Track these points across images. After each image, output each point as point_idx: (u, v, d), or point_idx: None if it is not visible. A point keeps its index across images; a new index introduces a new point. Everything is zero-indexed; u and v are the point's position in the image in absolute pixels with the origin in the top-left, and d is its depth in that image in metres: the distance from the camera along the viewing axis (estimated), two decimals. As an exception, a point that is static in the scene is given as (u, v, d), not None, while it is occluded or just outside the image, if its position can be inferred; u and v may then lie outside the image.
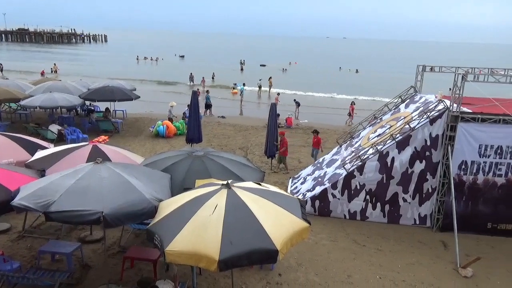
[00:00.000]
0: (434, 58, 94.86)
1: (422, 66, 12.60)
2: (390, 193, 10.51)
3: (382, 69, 65.96)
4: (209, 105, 24.84)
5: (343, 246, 9.40)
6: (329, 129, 21.58)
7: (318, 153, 14.72)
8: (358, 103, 32.03)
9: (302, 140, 19.35)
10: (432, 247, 9.63)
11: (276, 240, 5.10)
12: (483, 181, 10.05)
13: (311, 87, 39.88)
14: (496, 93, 11.46)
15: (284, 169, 14.49)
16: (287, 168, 14.42)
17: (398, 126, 10.75)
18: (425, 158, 10.22)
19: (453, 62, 14.40)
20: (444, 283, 8.15)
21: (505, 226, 10.21)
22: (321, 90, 38.40)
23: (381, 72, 60.38)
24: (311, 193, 11.00)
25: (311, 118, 24.72)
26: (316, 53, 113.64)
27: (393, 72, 58.66)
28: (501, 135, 9.69)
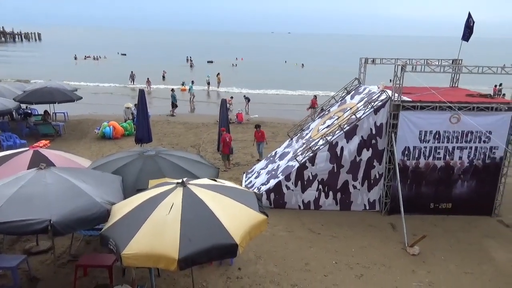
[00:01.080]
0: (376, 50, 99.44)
1: (365, 58, 13.15)
2: (341, 182, 10.92)
3: (327, 63, 67.98)
4: (175, 104, 24.49)
5: (300, 235, 9.65)
6: (279, 123, 21.94)
7: (263, 146, 14.95)
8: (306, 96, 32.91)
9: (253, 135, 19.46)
10: (382, 229, 10.16)
11: (235, 235, 5.13)
12: (424, 165, 10.73)
13: (259, 83, 40.17)
14: (432, 82, 12.27)
15: (237, 165, 14.50)
16: (226, 166, 14.23)
17: (345, 116, 11.16)
18: (371, 146, 10.72)
19: (393, 54, 15.17)
20: (394, 262, 8.65)
21: (445, 205, 10.99)
22: (269, 86, 38.82)
23: (326, 66, 62.23)
24: (265, 187, 11.14)
25: (261, 113, 24.95)
26: (262, 49, 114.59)
27: (338, 65, 60.66)
28: (438, 121, 10.39)
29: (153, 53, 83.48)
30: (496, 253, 9.15)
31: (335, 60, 72.83)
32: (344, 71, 32.48)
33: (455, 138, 10.48)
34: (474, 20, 12.73)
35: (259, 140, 15.04)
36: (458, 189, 10.87)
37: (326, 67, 60.25)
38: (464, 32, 12.79)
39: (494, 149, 10.56)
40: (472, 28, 12.78)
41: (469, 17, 12.67)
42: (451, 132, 10.42)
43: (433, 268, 8.47)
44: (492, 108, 10.29)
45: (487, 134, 10.36)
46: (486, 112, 10.26)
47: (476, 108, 10.22)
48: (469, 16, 12.70)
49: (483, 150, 10.59)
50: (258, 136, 15.06)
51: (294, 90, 36.59)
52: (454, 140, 10.49)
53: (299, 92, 35.69)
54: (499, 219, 10.86)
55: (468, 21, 12.71)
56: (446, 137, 10.49)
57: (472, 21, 12.72)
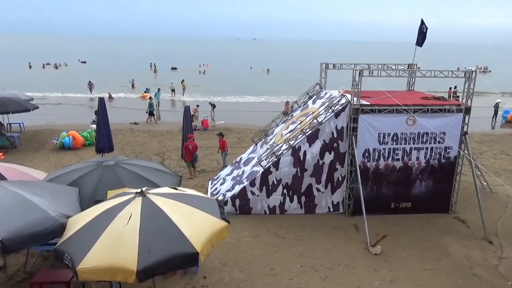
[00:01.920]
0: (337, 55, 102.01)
1: (325, 64, 13.46)
2: (305, 185, 11.06)
3: (291, 68, 68.99)
4: (152, 112, 24.15)
5: (265, 240, 9.66)
6: (245, 129, 21.99)
7: (225, 155, 14.90)
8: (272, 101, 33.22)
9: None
10: (345, 231, 10.36)
11: (195, 243, 5.07)
12: (384, 166, 11.06)
13: (225, 89, 40.17)
14: (390, 86, 12.72)
15: (202, 172, 14.37)
16: (191, 173, 14.07)
17: (307, 121, 11.34)
18: (333, 149, 10.95)
19: (353, 59, 15.63)
20: (358, 262, 8.83)
21: (405, 204, 11.35)
22: (236, 92, 38.88)
23: (290, 71, 63.15)
24: (231, 193, 11.10)
25: (227, 119, 24.93)
26: (228, 55, 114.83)
27: (302, 70, 61.68)
28: (395, 123, 10.75)
29: (114, 60, 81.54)
30: (453, 249, 9.54)
31: (299, 65, 74.04)
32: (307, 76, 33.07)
33: (412, 139, 10.88)
34: (427, 26, 13.34)
35: (221, 149, 15.00)
36: (417, 188, 11.27)
37: (290, 72, 61.16)
38: (418, 38, 13.36)
39: (448, 149, 11.04)
40: (425, 34, 13.36)
41: (422, 24, 13.26)
42: (408, 134, 10.82)
43: (394, 266, 8.71)
44: (444, 110, 10.78)
45: (441, 135, 10.84)
46: (439, 114, 10.73)
47: (430, 110, 10.68)
48: (422, 23, 13.28)
49: (439, 150, 11.05)
50: (220, 144, 15.03)
51: (260, 95, 36.85)
52: (411, 141, 10.89)
53: (265, 98, 35.97)
54: (456, 215, 11.34)
55: (421, 27, 13.29)
56: (404, 138, 10.87)
57: (425, 27, 13.31)
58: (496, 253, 9.40)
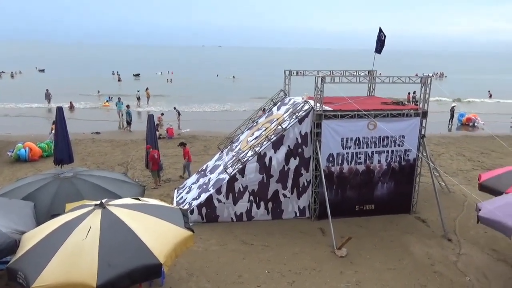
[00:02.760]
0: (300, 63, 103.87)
1: (289, 71, 13.65)
2: (271, 191, 11.10)
3: (256, 75, 69.46)
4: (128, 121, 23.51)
5: (233, 248, 9.59)
6: (211, 136, 21.85)
7: (190, 164, 14.63)
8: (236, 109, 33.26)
9: (185, 150, 19.16)
10: (312, 235, 10.47)
11: (158, 254, 4.95)
12: (348, 170, 11.31)
13: (192, 97, 39.85)
14: (352, 92, 13.07)
15: (167, 181, 14.12)
16: (156, 183, 13.81)
17: (272, 127, 11.42)
18: (298, 155, 11.08)
19: (317, 66, 15.95)
20: (324, 265, 8.93)
21: (368, 207, 11.64)
22: (202, 99, 38.62)
23: (256, 78, 63.56)
24: (197, 201, 10.96)
25: (193, 127, 24.70)
26: (193, 62, 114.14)
27: (267, 76, 62.24)
28: (357, 128, 11.04)
29: (75, 68, 78.91)
30: (415, 248, 9.86)
31: (264, 72, 74.69)
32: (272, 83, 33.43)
33: (373, 143, 11.20)
34: (385, 34, 13.84)
35: (184, 158, 14.71)
36: (379, 190, 11.59)
37: (256, 79, 61.58)
38: (377, 45, 13.82)
39: (408, 152, 11.45)
40: (383, 42, 13.85)
41: (380, 31, 13.74)
42: (370, 138, 11.13)
43: (359, 268, 8.88)
44: (403, 114, 11.19)
45: (401, 139, 11.22)
46: (398, 118, 11.12)
47: (390, 115, 11.05)
48: (380, 31, 13.77)
49: (399, 153, 11.43)
50: (184, 154, 14.74)
51: (225, 103, 36.81)
52: (373, 145, 11.21)
53: (230, 105, 35.96)
54: (417, 215, 11.74)
55: (380, 35, 13.77)
56: (365, 142, 11.17)
57: (383, 35, 13.80)
58: (455, 250, 9.80)
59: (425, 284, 8.33)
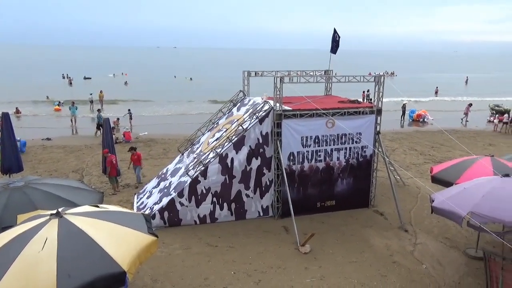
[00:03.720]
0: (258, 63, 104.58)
1: (247, 71, 13.70)
2: (234, 192, 11.09)
3: (214, 76, 69.11)
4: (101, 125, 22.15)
5: (197, 251, 9.48)
6: (170, 139, 21.47)
7: (139, 170, 14.22)
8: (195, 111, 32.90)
9: (144, 153, 18.63)
10: (276, 233, 10.57)
11: (121, 261, 4.79)
12: (308, 168, 11.53)
13: (149, 99, 38.91)
14: (310, 91, 13.34)
15: (127, 186, 13.71)
16: (114, 189, 13.40)
17: (232, 128, 11.41)
18: (260, 155, 11.14)
19: (274, 67, 16.13)
20: (289, 262, 9.05)
21: (330, 203, 11.93)
22: (160, 101, 37.85)
23: (214, 79, 63.23)
24: (158, 206, 10.72)
25: (151, 130, 24.15)
26: (149, 64, 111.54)
27: (225, 78, 62.08)
28: (316, 126, 11.28)
29: (20, 70, 74.45)
30: (374, 240, 10.23)
31: (222, 73, 74.48)
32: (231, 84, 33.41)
33: (332, 141, 11.50)
34: (340, 35, 14.25)
35: (135, 163, 14.16)
36: (339, 186, 11.92)
37: (214, 80, 61.26)
38: (332, 46, 14.20)
39: (365, 148, 11.86)
40: (338, 42, 14.26)
41: (335, 32, 14.14)
42: (328, 136, 11.41)
43: (323, 263, 9.09)
44: (359, 112, 11.58)
45: (358, 136, 11.61)
46: (355, 116, 11.50)
47: (347, 113, 11.40)
48: (334, 32, 14.16)
49: (356, 150, 11.82)
50: (134, 159, 14.11)
51: (184, 104, 36.33)
52: (332, 143, 11.51)
53: (189, 106, 35.53)
54: (375, 209, 12.19)
55: (334, 36, 14.16)
56: (325, 140, 11.45)
57: (337, 36, 14.21)
58: (411, 240, 10.28)
59: (385, 274, 8.67)
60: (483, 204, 6.81)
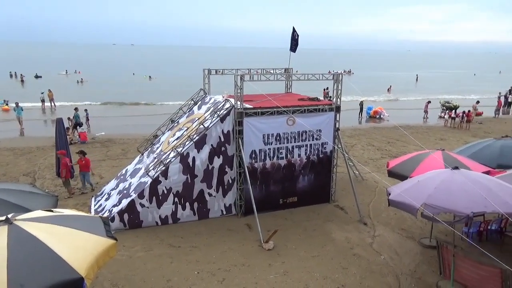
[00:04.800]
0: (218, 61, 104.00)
1: (208, 69, 13.57)
2: (196, 191, 10.97)
3: (174, 74, 67.98)
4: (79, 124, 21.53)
5: (159, 253, 9.29)
6: (129, 139, 20.89)
7: (89, 176, 13.32)
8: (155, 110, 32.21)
9: (101, 154, 18.06)
10: (239, 231, 10.58)
11: (79, 267, 4.59)
12: (270, 165, 11.62)
13: (106, 98, 37.56)
14: (270, 89, 13.44)
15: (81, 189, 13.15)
16: (70, 192, 12.83)
17: (193, 127, 11.27)
18: (221, 153, 11.09)
19: (234, 65, 16.09)
20: (253, 260, 9.08)
21: (292, 199, 12.09)
22: (118, 100, 36.65)
23: (173, 77, 62.18)
24: (117, 208, 10.39)
25: (109, 130, 23.36)
26: (105, 61, 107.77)
27: (184, 76, 61.23)
28: (277, 124, 11.39)
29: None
30: (336, 234, 10.49)
31: (182, 71, 73.44)
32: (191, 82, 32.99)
33: (293, 138, 11.65)
34: (298, 34, 14.44)
35: (82, 169, 13.05)
36: (301, 183, 12.11)
37: (173, 78, 60.26)
38: (291, 44, 14.36)
39: (325, 145, 12.12)
40: (297, 41, 14.44)
41: (294, 31, 14.30)
42: (289, 133, 11.55)
43: (286, 258, 9.20)
44: (319, 109, 11.81)
45: (318, 133, 11.84)
46: (314, 113, 11.71)
47: (307, 110, 11.59)
48: (293, 30, 14.32)
49: (317, 147, 12.05)
50: (81, 164, 13.04)
51: (143, 103, 35.44)
52: (293, 140, 11.66)
53: (149, 105, 34.72)
54: (336, 204, 12.50)
55: (293, 34, 14.33)
56: (286, 138, 11.58)
57: (296, 35, 14.38)
58: (370, 232, 10.64)
59: (346, 266, 8.91)
60: (435, 196, 7.16)
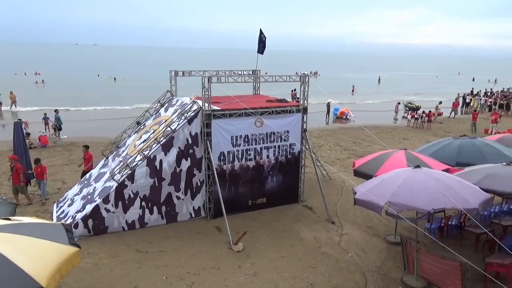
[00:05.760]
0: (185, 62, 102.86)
1: (174, 71, 13.40)
2: (164, 195, 10.79)
3: (139, 76, 66.57)
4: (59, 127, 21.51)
5: (126, 258, 9.05)
6: (93, 142, 20.16)
7: (45, 185, 12.49)
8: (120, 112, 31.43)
9: (64, 158, 17.44)
10: (209, 234, 10.50)
11: (39, 277, 4.40)
12: (239, 167, 11.61)
13: (67, 100, 36.19)
14: (238, 91, 13.43)
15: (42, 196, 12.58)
16: (29, 198, 12.28)
17: (160, 129, 11.09)
18: (189, 156, 10.97)
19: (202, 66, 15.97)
20: (222, 262, 9.04)
21: (261, 200, 12.13)
22: (79, 102, 35.45)
23: (140, 78, 60.91)
24: (81, 214, 10.05)
25: (71, 133, 22.57)
26: (66, 62, 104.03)
27: (150, 77, 60.06)
28: (245, 126, 11.40)
29: None
30: (304, 234, 10.62)
31: (147, 73, 72.02)
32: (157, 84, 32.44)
33: (261, 139, 11.70)
34: (266, 36, 14.53)
35: (38, 177, 12.41)
36: (270, 184, 12.17)
37: (139, 80, 59.05)
38: (259, 46, 14.43)
39: (293, 146, 12.25)
40: (264, 43, 14.52)
41: (261, 33, 14.38)
42: (258, 135, 11.60)
43: (256, 260, 9.22)
44: (286, 111, 11.93)
45: (286, 134, 11.95)
46: (282, 115, 11.82)
47: (274, 112, 11.68)
48: (260, 32, 14.39)
49: (285, 148, 12.16)
50: (37, 172, 12.40)
51: (108, 105, 34.47)
52: (261, 141, 11.71)
53: (114, 108, 33.81)
54: (304, 204, 12.66)
55: (261, 36, 14.40)
56: (254, 139, 11.61)
57: (264, 37, 14.47)
58: (338, 231, 10.86)
59: (315, 265, 9.04)
60: (398, 194, 7.39)
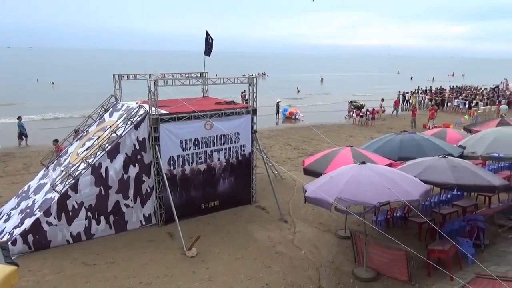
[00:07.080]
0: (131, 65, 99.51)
1: (118, 74, 12.91)
2: (111, 203, 10.34)
3: (78, 80, 63.36)
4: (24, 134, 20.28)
5: (72, 273, 8.55)
6: (32, 152, 18.99)
7: None
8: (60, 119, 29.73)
9: (-2, 171, 16.13)
10: (161, 241, 10.22)
11: (-29, 302, 4.01)
12: (190, 171, 11.42)
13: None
14: (187, 94, 13.21)
15: None
16: None
17: (105, 135, 10.62)
18: (137, 162, 10.61)
19: (147, 69, 15.52)
20: (176, 269, 8.83)
21: (213, 203, 12.02)
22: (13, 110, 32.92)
23: (78, 83, 57.95)
24: (20, 229, 9.35)
25: (5, 143, 20.94)
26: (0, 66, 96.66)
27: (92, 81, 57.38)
28: (195, 129, 11.23)
29: None
30: (258, 234, 10.68)
31: (88, 77, 68.72)
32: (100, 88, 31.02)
33: (211, 142, 11.60)
34: (212, 38, 14.44)
35: None
36: (222, 186, 12.10)
37: (79, 84, 56.17)
38: (205, 48, 14.31)
39: (243, 147, 12.28)
40: (211, 45, 14.43)
41: (207, 35, 14.27)
42: (208, 138, 11.48)
43: (211, 264, 9.11)
44: (236, 112, 11.93)
45: (236, 136, 11.95)
46: (232, 117, 11.80)
47: (224, 114, 11.63)
48: (207, 34, 14.28)
49: (236, 149, 12.15)
50: None
51: (46, 112, 32.40)
52: (211, 144, 11.61)
53: (53, 114, 31.87)
54: (257, 204, 12.73)
55: (207, 38, 14.29)
56: (204, 142, 11.48)
57: (210, 39, 14.37)
58: (291, 229, 11.03)
59: (269, 265, 9.11)
60: (346, 190, 7.65)
